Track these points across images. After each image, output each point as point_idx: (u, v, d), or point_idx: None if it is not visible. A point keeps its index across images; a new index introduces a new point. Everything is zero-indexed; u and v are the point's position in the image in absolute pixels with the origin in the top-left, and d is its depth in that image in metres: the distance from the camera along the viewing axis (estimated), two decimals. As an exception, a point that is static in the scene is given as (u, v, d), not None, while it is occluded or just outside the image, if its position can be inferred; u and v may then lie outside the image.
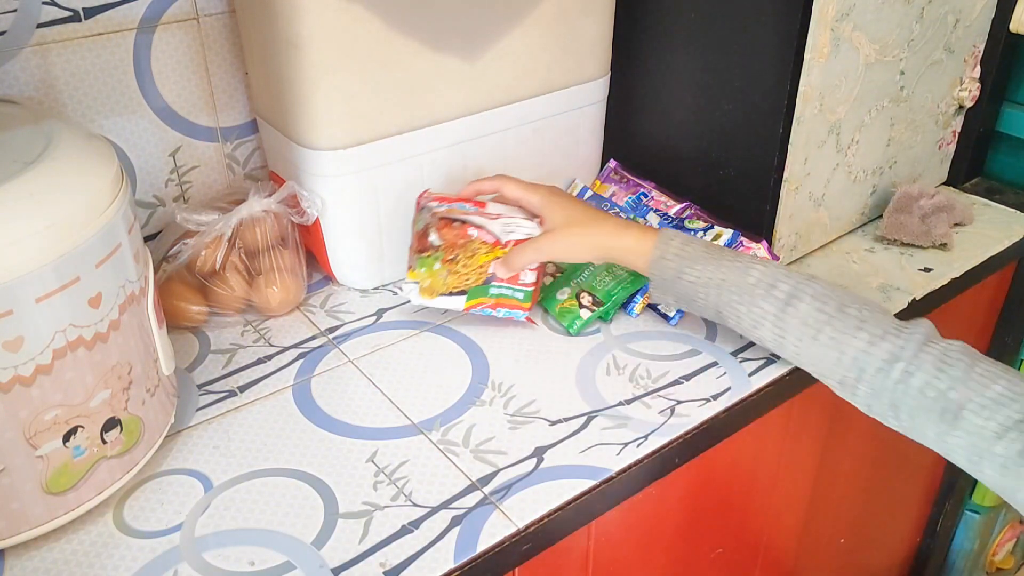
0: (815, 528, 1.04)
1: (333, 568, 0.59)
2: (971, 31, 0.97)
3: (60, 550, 0.60)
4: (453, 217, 0.78)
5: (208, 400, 0.74)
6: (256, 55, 0.83)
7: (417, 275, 0.79)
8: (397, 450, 0.69)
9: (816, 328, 0.68)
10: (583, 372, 0.77)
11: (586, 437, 0.70)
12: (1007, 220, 1.02)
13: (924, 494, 1.26)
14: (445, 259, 0.78)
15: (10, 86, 0.78)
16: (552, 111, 0.92)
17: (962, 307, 0.99)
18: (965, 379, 0.61)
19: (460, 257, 0.79)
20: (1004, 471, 0.59)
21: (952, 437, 0.62)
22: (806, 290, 0.69)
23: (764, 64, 0.81)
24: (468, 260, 0.79)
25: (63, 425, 0.57)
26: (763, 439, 0.85)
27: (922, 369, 0.63)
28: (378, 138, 0.81)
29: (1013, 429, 0.58)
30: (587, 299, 0.82)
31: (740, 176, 0.88)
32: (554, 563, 0.69)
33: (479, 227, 0.78)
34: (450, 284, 0.79)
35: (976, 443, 0.60)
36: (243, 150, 0.95)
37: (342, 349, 0.80)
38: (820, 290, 0.69)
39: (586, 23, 0.90)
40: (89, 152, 0.60)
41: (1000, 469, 0.59)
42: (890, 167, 0.98)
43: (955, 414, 0.61)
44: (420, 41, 0.79)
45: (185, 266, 0.81)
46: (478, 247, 0.79)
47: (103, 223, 0.56)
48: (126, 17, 0.82)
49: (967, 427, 0.60)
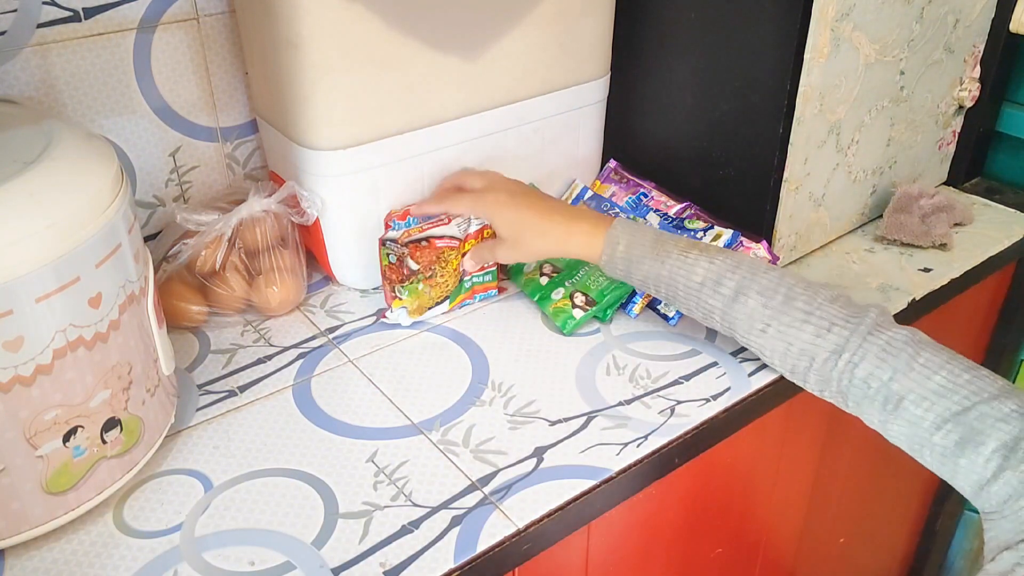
0: (815, 528, 1.04)
1: (333, 568, 0.59)
2: (971, 31, 0.97)
3: (60, 550, 0.60)
4: (417, 239, 0.81)
5: (208, 400, 0.74)
6: (256, 55, 0.83)
7: (402, 302, 0.82)
8: (397, 450, 0.69)
9: (763, 323, 0.70)
10: (583, 372, 0.77)
11: (586, 437, 0.70)
12: (1007, 220, 1.02)
13: (923, 494, 1.26)
14: (426, 278, 0.82)
15: (10, 86, 0.78)
16: (552, 111, 0.92)
17: (962, 307, 1.00)
18: (907, 370, 0.63)
19: (437, 270, 0.82)
20: (943, 460, 0.62)
21: (893, 426, 0.64)
22: (752, 285, 0.70)
23: (764, 64, 0.81)
24: (444, 269, 0.82)
25: (63, 425, 0.57)
26: (763, 439, 0.85)
27: (866, 359, 0.65)
28: (378, 138, 0.81)
29: (950, 421, 0.61)
30: (580, 299, 0.82)
31: (740, 176, 0.88)
32: (554, 563, 0.69)
33: (442, 236, 0.82)
34: (434, 296, 0.84)
35: (916, 432, 0.63)
36: (243, 150, 0.95)
37: (342, 349, 0.81)
38: (767, 283, 0.70)
39: (586, 23, 0.90)
40: (89, 152, 0.60)
41: (939, 458, 0.62)
42: (890, 167, 0.98)
43: (896, 404, 0.64)
44: (420, 41, 0.79)
45: (185, 266, 0.81)
46: (448, 254, 0.82)
47: (103, 223, 0.56)
48: (126, 17, 0.82)
49: (907, 417, 0.63)
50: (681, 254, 0.73)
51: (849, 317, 0.67)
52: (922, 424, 0.62)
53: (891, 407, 0.64)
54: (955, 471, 0.61)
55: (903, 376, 0.63)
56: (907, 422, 0.63)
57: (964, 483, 0.61)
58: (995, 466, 0.58)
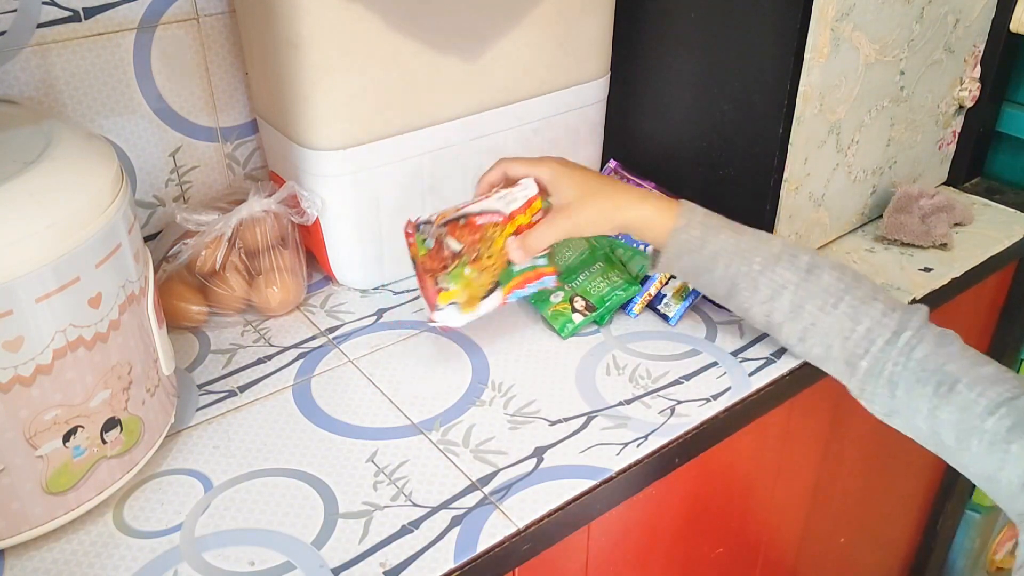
0: (815, 528, 1.04)
1: (333, 568, 0.59)
2: (971, 31, 0.97)
3: (60, 550, 0.60)
4: (454, 218, 0.75)
5: (208, 400, 0.74)
6: (256, 55, 0.83)
7: (451, 294, 0.72)
8: (397, 450, 0.69)
9: (837, 296, 0.69)
10: (583, 372, 0.77)
11: (586, 437, 0.70)
12: (1007, 220, 1.02)
13: (924, 493, 1.26)
14: (471, 260, 0.73)
15: (10, 86, 0.78)
16: (552, 111, 0.92)
17: (962, 307, 0.99)
18: (960, 357, 0.64)
19: (482, 250, 0.74)
20: (991, 447, 0.61)
21: (944, 412, 0.64)
22: (824, 262, 0.71)
23: (764, 64, 0.81)
24: (490, 249, 0.74)
25: (63, 425, 0.57)
26: (763, 439, 0.85)
27: (925, 341, 0.66)
28: (378, 138, 0.81)
29: (1004, 405, 0.61)
30: (580, 303, 0.82)
31: (740, 176, 0.88)
32: (554, 563, 0.69)
33: (482, 213, 0.74)
34: (484, 282, 0.74)
35: (966, 418, 0.62)
36: (243, 150, 0.95)
37: (342, 349, 0.80)
38: (837, 262, 0.72)
39: (586, 23, 0.90)
40: (89, 152, 0.60)
41: (987, 445, 0.61)
42: (890, 167, 0.98)
43: (950, 387, 0.63)
44: (420, 41, 0.79)
45: (185, 266, 0.81)
46: (492, 232, 0.74)
47: (103, 223, 0.56)
48: (126, 17, 0.82)
49: (960, 401, 0.63)
50: (754, 231, 0.73)
51: (906, 306, 0.69)
52: (975, 408, 0.62)
53: (944, 389, 0.63)
54: (1004, 460, 0.60)
55: (956, 362, 0.64)
56: (959, 407, 0.62)
57: (1013, 473, 0.59)
58: None
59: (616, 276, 0.84)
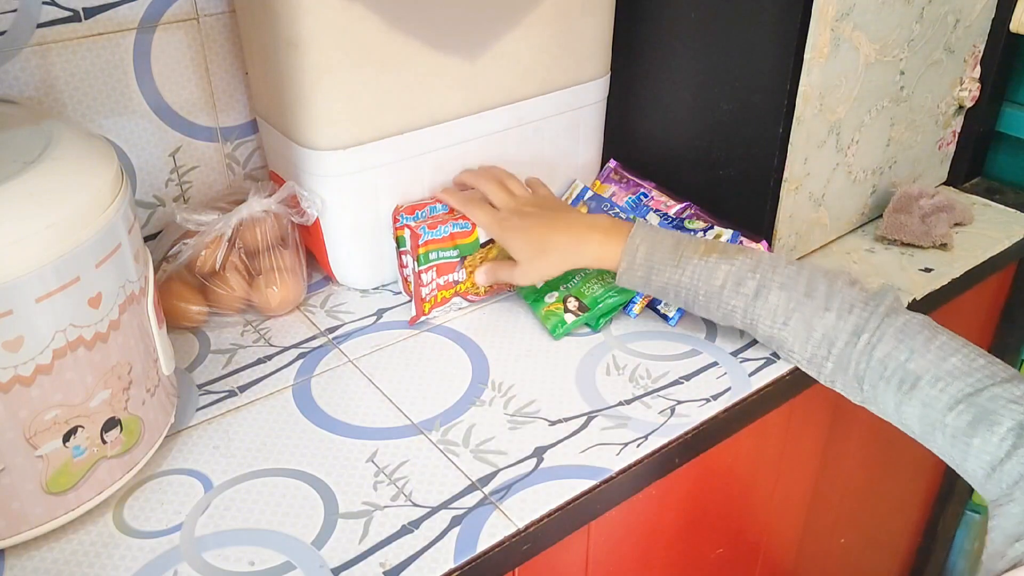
0: (815, 528, 1.04)
1: (333, 568, 0.59)
2: (971, 31, 0.97)
3: (60, 550, 0.60)
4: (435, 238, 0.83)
5: (208, 400, 0.74)
6: (256, 55, 0.83)
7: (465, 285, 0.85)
8: (397, 450, 0.69)
9: (785, 315, 0.71)
10: (583, 372, 0.77)
11: (586, 437, 0.70)
12: (1007, 220, 1.02)
13: (925, 494, 1.26)
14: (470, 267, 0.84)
15: (10, 86, 0.78)
16: (552, 111, 0.92)
17: (963, 307, 0.99)
18: (923, 351, 0.65)
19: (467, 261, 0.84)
20: (954, 441, 0.62)
21: (908, 407, 0.65)
22: (773, 282, 0.72)
23: (764, 64, 0.81)
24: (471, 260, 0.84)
25: (63, 425, 0.57)
26: (763, 439, 0.85)
27: (884, 340, 0.67)
28: (378, 138, 0.81)
29: (963, 401, 0.61)
30: (573, 304, 0.82)
31: (740, 176, 0.88)
32: (554, 563, 0.69)
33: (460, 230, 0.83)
34: None
35: (929, 413, 0.63)
36: (243, 150, 0.95)
37: (342, 349, 0.80)
38: (787, 277, 0.72)
39: (586, 23, 0.90)
40: (89, 152, 0.60)
41: (951, 439, 0.62)
42: (890, 167, 0.98)
43: (912, 384, 0.64)
44: (420, 41, 0.79)
45: (185, 266, 0.81)
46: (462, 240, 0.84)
47: (103, 223, 0.56)
48: (126, 17, 0.82)
49: (922, 398, 0.64)
50: (701, 259, 0.73)
51: (868, 300, 0.69)
52: (936, 405, 0.63)
53: (907, 387, 0.65)
54: (966, 452, 0.61)
55: (920, 357, 0.64)
56: (921, 403, 0.64)
57: (975, 465, 0.60)
58: (1009, 445, 0.58)
59: (611, 278, 0.84)
